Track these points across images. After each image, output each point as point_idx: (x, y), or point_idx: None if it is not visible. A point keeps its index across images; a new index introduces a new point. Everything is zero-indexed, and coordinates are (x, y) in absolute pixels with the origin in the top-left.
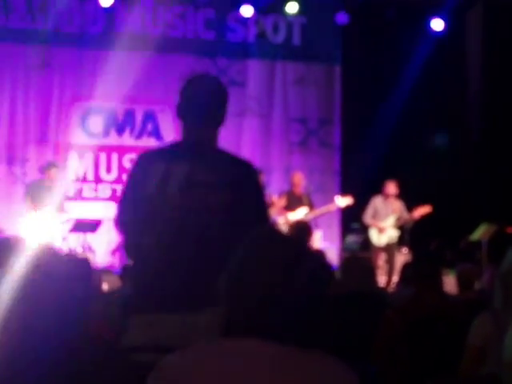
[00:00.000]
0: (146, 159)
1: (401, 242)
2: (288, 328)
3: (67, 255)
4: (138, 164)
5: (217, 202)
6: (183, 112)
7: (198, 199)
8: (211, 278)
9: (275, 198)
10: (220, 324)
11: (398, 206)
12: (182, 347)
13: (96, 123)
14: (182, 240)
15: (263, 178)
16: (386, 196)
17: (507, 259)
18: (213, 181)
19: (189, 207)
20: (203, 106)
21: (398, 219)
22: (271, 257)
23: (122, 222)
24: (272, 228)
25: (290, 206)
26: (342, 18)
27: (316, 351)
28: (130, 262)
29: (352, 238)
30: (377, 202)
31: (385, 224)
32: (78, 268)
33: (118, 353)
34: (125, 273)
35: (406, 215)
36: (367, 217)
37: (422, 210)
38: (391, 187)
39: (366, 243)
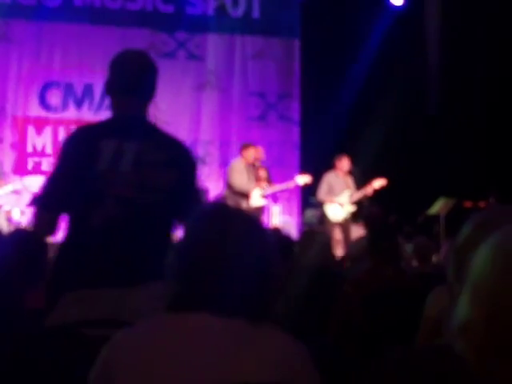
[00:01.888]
0: (90, 133)
1: (359, 216)
2: (238, 301)
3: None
4: (82, 138)
5: (162, 182)
6: (115, 86)
7: (146, 178)
8: (153, 254)
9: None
10: (166, 298)
11: (349, 181)
12: (123, 321)
13: (55, 97)
14: (129, 216)
15: (262, 152)
16: (339, 172)
17: (462, 233)
18: (159, 160)
19: (137, 186)
20: (135, 79)
21: (352, 195)
22: (222, 230)
23: (57, 198)
24: (223, 203)
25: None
26: None
27: (265, 324)
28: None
29: (311, 213)
30: (330, 177)
31: (340, 199)
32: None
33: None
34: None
35: (356, 192)
36: (321, 193)
37: (376, 184)
38: (344, 163)
39: (325, 217)
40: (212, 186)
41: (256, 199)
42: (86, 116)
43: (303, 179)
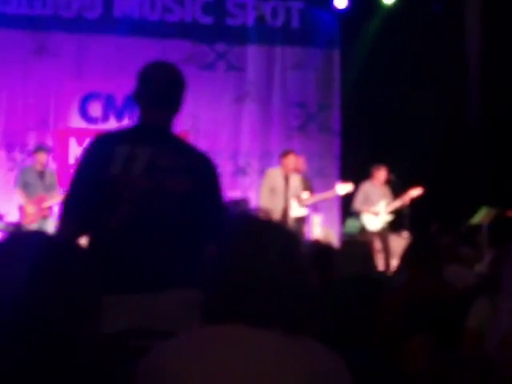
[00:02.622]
0: (106, 140)
1: (401, 225)
2: (275, 313)
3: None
4: (98, 145)
5: (176, 187)
6: (141, 96)
7: (159, 183)
8: (168, 257)
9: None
10: (201, 308)
11: (387, 191)
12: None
13: (95, 108)
14: (142, 223)
15: (294, 159)
16: (376, 181)
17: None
18: (173, 166)
19: (150, 191)
20: (162, 92)
21: (388, 205)
22: (257, 242)
23: (77, 205)
24: (260, 215)
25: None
26: (339, 2)
27: (303, 336)
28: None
29: (352, 223)
30: (366, 187)
31: (377, 209)
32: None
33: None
34: None
35: (393, 202)
36: (358, 203)
37: (413, 193)
38: (382, 173)
39: (364, 228)
40: (253, 196)
41: (297, 209)
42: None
43: (344, 188)
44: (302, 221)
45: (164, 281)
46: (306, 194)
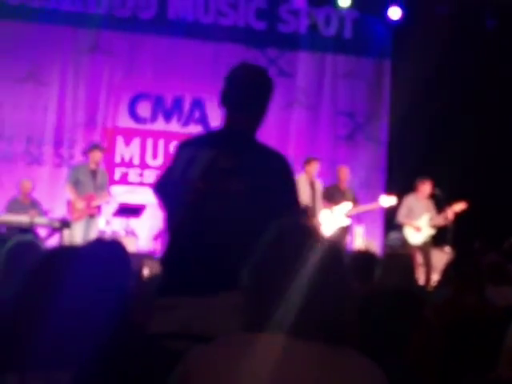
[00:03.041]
0: (182, 145)
1: (443, 240)
2: (315, 324)
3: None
4: (176, 150)
5: (236, 188)
6: (226, 99)
7: (217, 184)
8: (231, 263)
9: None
10: (242, 315)
11: (430, 205)
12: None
13: (144, 108)
14: (202, 226)
15: (317, 166)
16: (420, 195)
17: None
18: (233, 166)
19: (208, 193)
20: (245, 95)
21: (431, 219)
22: (298, 251)
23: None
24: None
25: (335, 199)
26: (394, 12)
27: (343, 347)
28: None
29: (395, 235)
30: (410, 200)
31: (419, 223)
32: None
33: (150, 340)
34: None
35: (437, 216)
36: (401, 216)
37: (457, 208)
38: (426, 186)
39: (406, 241)
40: None
41: (340, 218)
42: (175, 128)
43: (388, 201)
44: (344, 231)
45: (219, 284)
46: (349, 205)
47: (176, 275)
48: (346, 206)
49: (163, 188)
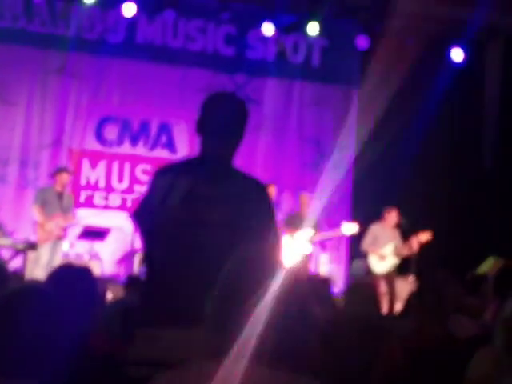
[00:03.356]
0: (159, 173)
1: (407, 269)
2: (275, 352)
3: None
4: (152, 177)
5: (217, 216)
6: (204, 127)
7: (197, 212)
8: (205, 292)
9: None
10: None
11: (396, 234)
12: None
13: (111, 132)
14: (181, 254)
15: (273, 191)
16: (386, 224)
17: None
18: (214, 194)
19: (188, 221)
20: (225, 124)
21: (396, 248)
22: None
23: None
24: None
25: (297, 226)
26: (362, 42)
27: (305, 376)
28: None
29: (359, 263)
30: (376, 229)
31: (384, 251)
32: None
33: (115, 366)
34: (129, 283)
35: (402, 245)
36: (366, 244)
37: (422, 238)
38: (392, 215)
39: (370, 269)
40: None
41: (302, 245)
42: (141, 152)
43: (350, 228)
44: (307, 258)
45: (198, 315)
46: (311, 232)
47: (158, 305)
48: (308, 233)
49: (141, 216)
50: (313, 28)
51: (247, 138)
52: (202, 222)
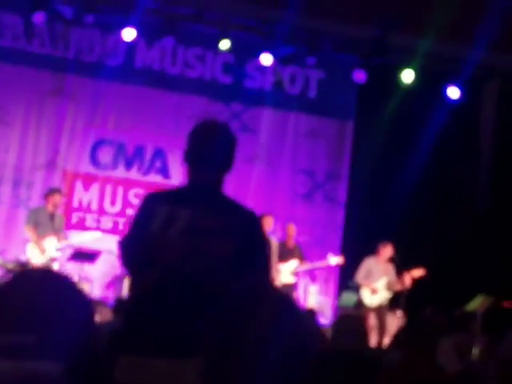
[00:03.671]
0: (151, 199)
1: (396, 304)
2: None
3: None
4: (144, 203)
5: (217, 250)
6: (191, 157)
7: (198, 245)
8: (198, 326)
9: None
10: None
11: (389, 269)
12: None
13: (105, 155)
14: (178, 285)
15: (270, 222)
16: (381, 258)
17: (508, 345)
18: (215, 227)
19: (188, 253)
20: (213, 153)
21: (389, 282)
22: (256, 310)
23: (125, 258)
24: (259, 281)
25: (282, 257)
26: (359, 75)
27: None
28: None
29: (348, 296)
30: (370, 262)
31: (377, 285)
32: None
33: None
34: (117, 306)
35: (395, 280)
36: (359, 277)
37: (415, 274)
38: (387, 250)
39: (362, 302)
40: None
41: (286, 276)
42: (135, 177)
43: (335, 260)
44: (290, 288)
45: (191, 347)
46: (295, 262)
47: (145, 334)
48: (292, 264)
49: (131, 243)
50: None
51: (241, 167)
52: (201, 254)
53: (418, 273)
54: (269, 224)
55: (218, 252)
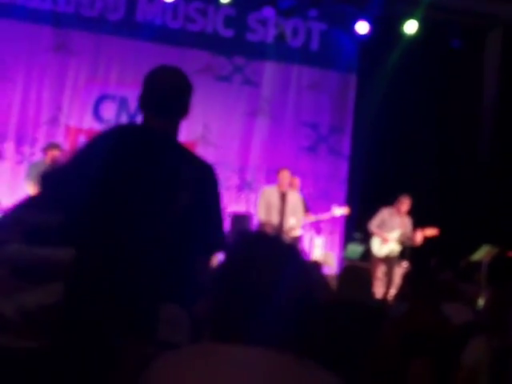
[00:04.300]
0: (100, 139)
1: (402, 255)
2: (276, 334)
3: None
4: (92, 142)
5: (172, 201)
6: (145, 102)
7: (152, 197)
8: (160, 277)
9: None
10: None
11: (405, 222)
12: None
13: (108, 110)
14: (132, 237)
15: (297, 183)
16: (397, 211)
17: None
18: (170, 178)
19: (143, 207)
20: (164, 98)
21: (402, 235)
22: (260, 258)
23: (50, 199)
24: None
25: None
26: (361, 27)
27: (305, 358)
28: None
29: (353, 248)
30: (386, 213)
31: (389, 236)
32: None
33: None
34: None
35: (410, 235)
36: (373, 225)
37: (427, 233)
38: (405, 204)
39: (367, 254)
40: (256, 212)
41: (292, 228)
42: None
43: (340, 211)
44: (296, 241)
45: (153, 297)
46: (300, 215)
47: (109, 291)
48: (299, 216)
49: (66, 185)
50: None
51: (244, 120)
52: (155, 206)
53: (431, 232)
54: (286, 177)
55: (175, 203)
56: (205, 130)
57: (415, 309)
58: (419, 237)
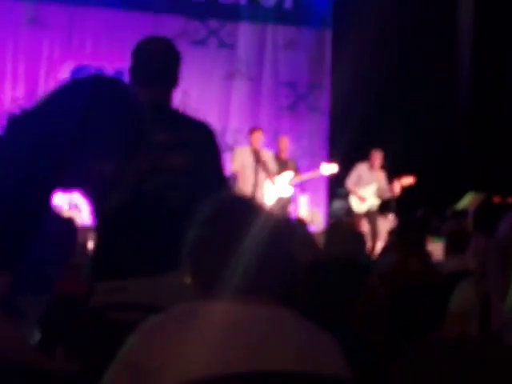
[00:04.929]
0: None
1: (387, 208)
2: (259, 290)
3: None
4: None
5: (177, 163)
6: (136, 74)
7: (157, 160)
8: (173, 240)
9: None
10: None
11: (380, 176)
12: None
13: None
14: (140, 204)
15: (261, 136)
16: (371, 165)
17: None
18: (172, 142)
19: (148, 169)
20: (157, 66)
21: (379, 189)
22: (235, 221)
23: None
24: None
25: (277, 169)
26: None
27: (292, 313)
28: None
29: (338, 204)
30: (361, 169)
31: (365, 193)
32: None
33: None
34: None
35: (386, 187)
36: (350, 182)
37: (404, 182)
38: (377, 158)
39: (351, 209)
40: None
41: (282, 188)
42: None
43: (329, 169)
44: (288, 200)
45: (165, 263)
46: (291, 174)
47: (120, 257)
48: (288, 176)
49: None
50: None
51: (222, 83)
52: (161, 169)
53: (407, 181)
54: (259, 138)
55: (177, 166)
56: (184, 96)
57: (403, 260)
58: (397, 187)
